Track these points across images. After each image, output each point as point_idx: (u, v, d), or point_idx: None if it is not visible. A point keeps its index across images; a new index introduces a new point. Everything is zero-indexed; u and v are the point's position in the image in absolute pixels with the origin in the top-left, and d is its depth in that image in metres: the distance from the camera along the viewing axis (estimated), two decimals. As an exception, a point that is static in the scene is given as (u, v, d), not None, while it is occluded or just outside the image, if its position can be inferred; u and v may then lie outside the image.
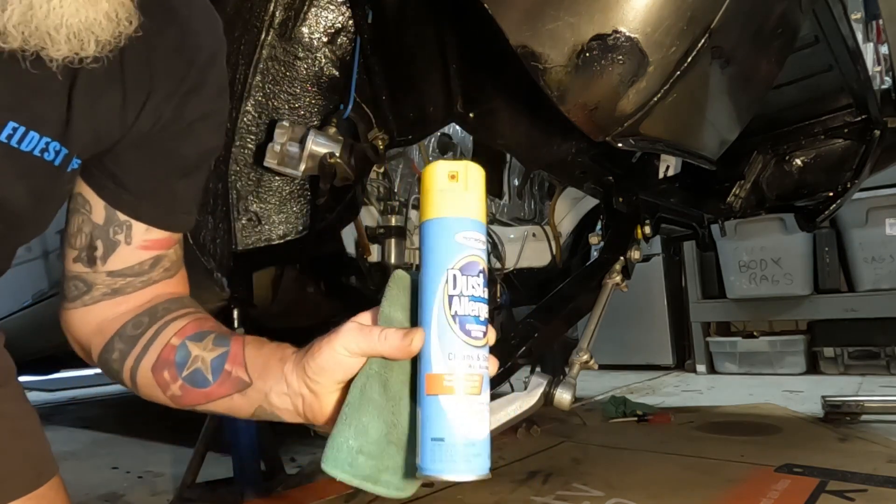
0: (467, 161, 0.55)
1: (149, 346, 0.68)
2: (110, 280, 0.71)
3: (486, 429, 0.54)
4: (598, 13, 0.83)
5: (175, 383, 0.66)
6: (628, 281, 1.51)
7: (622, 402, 2.31)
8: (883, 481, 1.36)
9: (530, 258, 2.13)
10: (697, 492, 1.36)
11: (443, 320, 0.52)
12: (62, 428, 2.92)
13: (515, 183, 2.22)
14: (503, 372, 1.30)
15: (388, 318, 0.59)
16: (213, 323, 0.72)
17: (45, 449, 0.71)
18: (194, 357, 0.66)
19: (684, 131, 1.03)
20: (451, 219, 0.53)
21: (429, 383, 0.53)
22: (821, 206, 1.81)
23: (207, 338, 0.68)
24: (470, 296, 0.53)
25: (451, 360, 0.52)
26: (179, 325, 0.69)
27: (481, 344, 0.54)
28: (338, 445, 0.57)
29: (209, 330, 0.69)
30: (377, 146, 1.35)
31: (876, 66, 1.55)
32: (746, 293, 3.48)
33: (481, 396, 0.54)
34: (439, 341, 0.52)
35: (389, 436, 0.58)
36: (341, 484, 0.56)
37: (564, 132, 1.34)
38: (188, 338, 0.68)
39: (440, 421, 0.51)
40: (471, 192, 0.54)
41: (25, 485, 0.66)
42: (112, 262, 0.71)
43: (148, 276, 0.74)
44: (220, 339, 0.68)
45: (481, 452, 0.53)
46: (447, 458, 0.52)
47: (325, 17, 1.28)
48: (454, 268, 0.53)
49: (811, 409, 2.28)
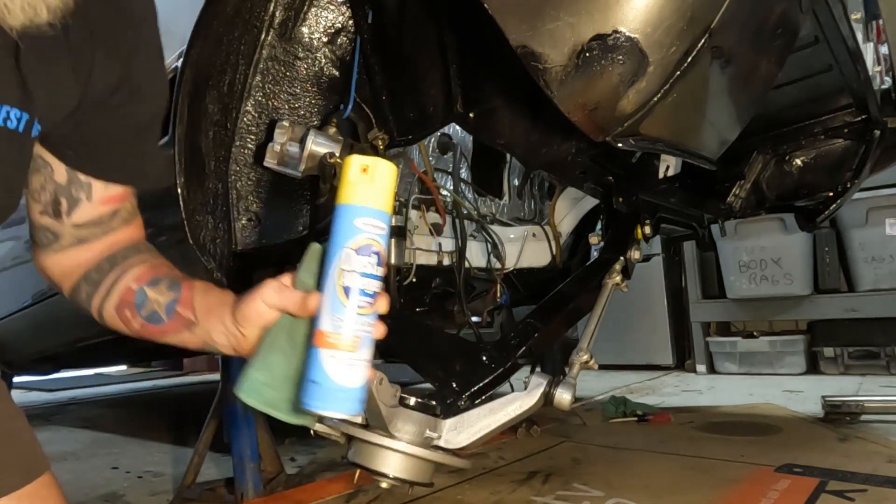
0: (378, 157, 0.64)
1: (112, 289, 0.81)
2: (76, 231, 0.82)
3: (359, 379, 0.65)
4: (598, 13, 0.83)
5: (136, 321, 0.81)
6: (628, 281, 1.51)
7: (622, 402, 2.31)
8: (883, 481, 1.36)
9: (530, 258, 2.13)
10: (697, 492, 1.36)
11: (334, 289, 0.64)
12: (62, 428, 2.92)
13: (515, 183, 2.22)
14: (503, 372, 1.30)
15: (301, 283, 0.72)
16: (167, 268, 0.85)
17: (35, 447, 0.73)
18: (151, 300, 0.80)
19: (684, 131, 1.03)
20: (354, 206, 0.63)
21: (315, 337, 0.65)
22: (821, 206, 1.81)
23: (161, 283, 0.82)
24: (361, 272, 0.63)
25: (335, 322, 0.63)
26: (137, 273, 0.82)
27: (366, 312, 0.64)
28: (250, 378, 0.71)
29: (163, 276, 0.82)
30: (377, 146, 1.35)
31: (876, 66, 1.55)
32: (746, 293, 3.48)
33: (358, 353, 0.65)
34: (329, 306, 0.64)
35: (289, 375, 0.70)
36: (341, 484, 0.57)
37: (564, 132, 1.34)
38: (146, 284, 0.81)
39: (317, 368, 0.63)
40: (376, 185, 0.64)
41: (14, 481, 0.68)
42: (76, 216, 0.81)
43: (108, 225, 0.85)
44: (173, 284, 0.82)
45: (351, 398, 0.65)
46: (320, 397, 0.63)
47: (325, 17, 1.28)
48: (350, 247, 0.63)
49: (811, 409, 2.28)
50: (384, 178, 0.64)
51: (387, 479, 1.12)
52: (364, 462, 1.12)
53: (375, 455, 1.12)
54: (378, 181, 0.64)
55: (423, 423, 1.13)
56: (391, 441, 1.09)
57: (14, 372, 3.27)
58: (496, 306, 1.98)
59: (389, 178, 0.65)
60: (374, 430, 1.11)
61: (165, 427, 2.76)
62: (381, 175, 0.64)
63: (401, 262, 1.64)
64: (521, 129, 1.36)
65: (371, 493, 1.38)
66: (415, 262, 1.74)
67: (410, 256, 1.72)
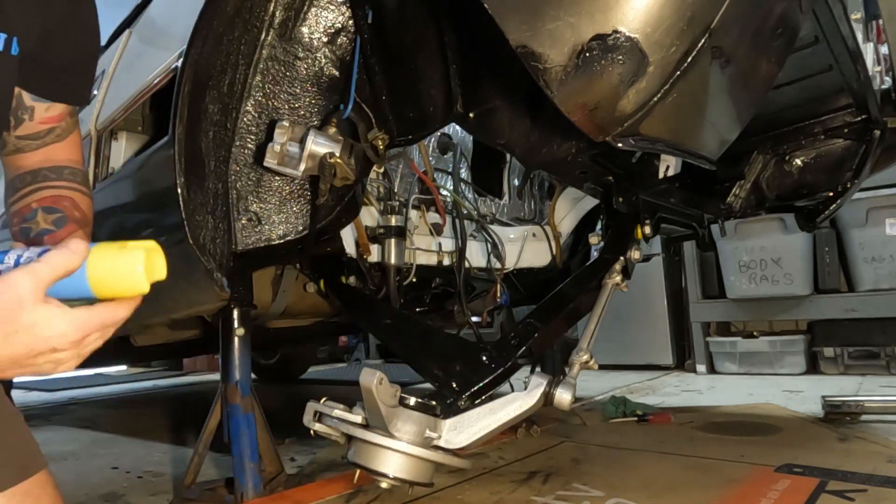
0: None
1: (20, 199, 0.94)
2: (16, 141, 0.96)
3: None
4: (598, 13, 0.83)
5: (14, 229, 0.93)
6: (628, 281, 1.51)
7: (622, 402, 2.31)
8: (883, 481, 1.36)
9: (530, 258, 2.13)
10: (697, 492, 1.36)
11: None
12: (62, 428, 2.92)
13: (515, 183, 2.22)
14: (503, 372, 1.30)
15: None
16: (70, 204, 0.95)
17: (31, 446, 0.75)
18: (36, 221, 0.91)
19: (684, 131, 1.03)
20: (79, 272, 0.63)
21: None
22: (821, 206, 1.81)
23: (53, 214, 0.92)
24: None
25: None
26: (44, 195, 0.94)
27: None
28: None
29: (60, 209, 0.93)
30: (377, 146, 1.35)
31: (876, 66, 1.55)
32: (746, 293, 3.48)
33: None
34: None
35: None
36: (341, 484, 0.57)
37: (564, 132, 1.34)
38: (42, 207, 0.92)
39: None
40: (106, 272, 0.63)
41: (9, 478, 0.70)
42: (18, 130, 0.96)
43: (43, 140, 0.97)
44: (60, 220, 0.92)
45: None
46: None
47: (325, 17, 1.28)
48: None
49: (811, 409, 2.28)
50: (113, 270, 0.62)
51: (387, 479, 1.12)
52: (364, 462, 1.12)
53: (375, 455, 1.11)
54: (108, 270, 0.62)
55: (423, 423, 1.13)
56: (391, 441, 1.09)
57: (14, 372, 3.27)
58: (496, 306, 1.98)
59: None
60: (374, 430, 1.11)
61: (165, 427, 2.76)
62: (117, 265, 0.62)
63: (401, 262, 1.64)
64: (520, 129, 1.36)
65: (371, 493, 1.38)
66: (415, 262, 1.74)
67: (410, 256, 1.73)
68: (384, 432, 1.10)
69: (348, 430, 1.13)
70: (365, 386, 1.05)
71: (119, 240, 0.66)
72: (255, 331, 1.56)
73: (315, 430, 1.18)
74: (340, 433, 1.16)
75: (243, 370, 1.48)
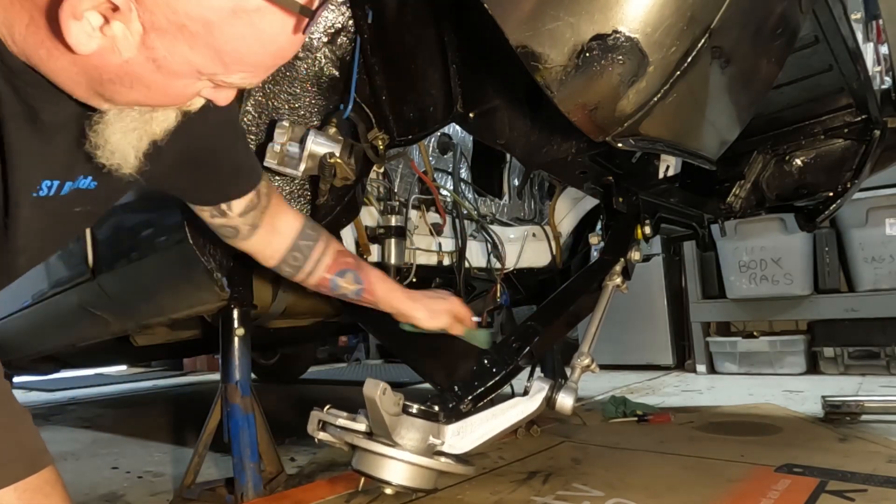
0: None
1: (311, 274, 1.19)
2: (244, 219, 1.09)
3: None
4: (598, 13, 0.83)
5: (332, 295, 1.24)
6: (628, 282, 1.51)
7: (622, 402, 2.31)
8: (883, 481, 1.36)
9: (530, 258, 2.13)
10: (697, 492, 1.36)
11: None
12: (62, 428, 2.92)
13: (515, 183, 2.22)
14: (505, 375, 1.30)
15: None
16: (350, 259, 1.23)
17: (39, 442, 0.77)
18: (342, 287, 1.21)
19: (684, 131, 1.03)
20: None
21: None
22: (821, 206, 1.81)
23: (348, 275, 1.21)
24: None
25: None
26: (327, 263, 1.19)
27: None
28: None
29: (348, 269, 1.21)
30: (377, 146, 1.35)
31: (876, 66, 1.55)
32: (746, 293, 3.48)
33: None
34: None
35: None
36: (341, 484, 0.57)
37: (564, 132, 1.34)
38: (335, 274, 1.20)
39: None
40: None
41: (18, 472, 0.72)
42: (236, 209, 1.07)
43: (261, 204, 1.10)
44: (357, 278, 1.21)
45: None
46: None
47: (325, 17, 1.28)
48: None
49: (811, 409, 2.28)
50: None
51: (391, 487, 1.12)
52: (368, 470, 1.12)
53: (380, 463, 1.12)
54: None
55: (426, 430, 1.13)
56: (395, 451, 1.09)
57: (14, 372, 3.27)
58: (496, 306, 1.98)
59: None
60: (378, 440, 1.11)
61: (165, 427, 2.76)
62: None
63: (401, 262, 1.64)
64: (520, 129, 1.36)
65: (371, 493, 1.38)
66: (415, 262, 1.74)
67: (410, 256, 1.72)
68: (388, 441, 1.10)
69: (352, 440, 1.13)
70: (368, 396, 1.05)
71: None
72: (255, 331, 1.56)
73: (319, 440, 1.18)
74: (343, 441, 1.16)
75: (243, 370, 1.48)
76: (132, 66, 0.66)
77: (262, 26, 0.66)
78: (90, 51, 0.63)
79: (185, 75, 0.69)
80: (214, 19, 0.64)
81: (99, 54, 0.64)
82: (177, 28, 0.63)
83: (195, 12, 0.63)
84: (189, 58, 0.66)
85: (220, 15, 0.63)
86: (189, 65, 0.67)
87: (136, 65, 0.66)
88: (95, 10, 0.61)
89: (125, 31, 0.62)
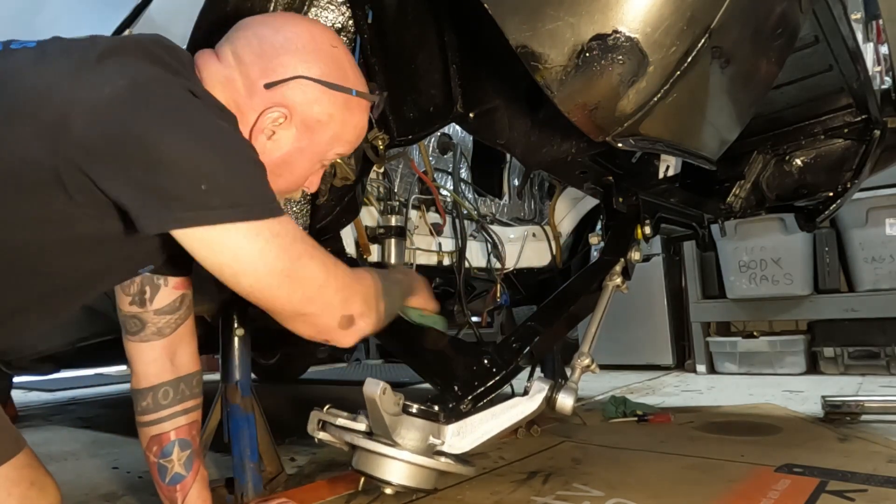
0: None
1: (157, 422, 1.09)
2: (156, 318, 1.06)
3: None
4: (598, 13, 0.83)
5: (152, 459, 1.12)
6: (628, 281, 1.51)
7: (622, 402, 2.31)
8: (883, 481, 1.36)
9: (530, 258, 2.13)
10: (697, 492, 1.36)
11: None
12: (62, 428, 2.92)
13: (515, 183, 2.22)
14: (505, 375, 1.30)
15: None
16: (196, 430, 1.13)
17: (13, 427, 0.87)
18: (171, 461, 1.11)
19: (684, 131, 1.03)
20: None
21: None
22: (821, 206, 1.81)
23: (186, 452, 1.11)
24: None
25: None
26: (180, 423, 1.10)
27: None
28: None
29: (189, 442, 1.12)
30: (377, 146, 1.35)
31: (876, 66, 1.55)
32: (746, 293, 3.48)
33: None
34: None
35: None
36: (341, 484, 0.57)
37: (564, 132, 1.34)
38: (178, 440, 1.10)
39: None
40: None
41: (10, 449, 0.83)
42: (156, 302, 1.05)
43: (178, 313, 1.08)
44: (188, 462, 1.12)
45: None
46: None
47: (325, 17, 1.27)
48: None
49: (811, 409, 2.28)
50: None
51: (392, 486, 1.12)
52: (369, 470, 1.13)
53: (380, 463, 1.12)
54: None
55: (426, 430, 1.13)
56: (396, 451, 1.09)
57: (14, 372, 3.27)
58: (496, 306, 1.98)
59: None
60: (378, 439, 1.11)
61: (165, 427, 2.75)
62: None
63: (401, 261, 1.64)
64: (520, 129, 1.36)
65: (372, 493, 1.38)
66: (415, 262, 1.74)
67: (410, 256, 1.72)
68: (388, 441, 1.10)
69: (352, 440, 1.13)
70: (369, 396, 1.05)
71: None
72: (255, 331, 1.56)
73: (319, 439, 1.18)
74: (343, 441, 1.16)
75: (243, 370, 1.48)
76: (287, 155, 0.94)
77: (359, 112, 0.99)
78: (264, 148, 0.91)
79: (315, 156, 0.97)
80: (335, 112, 0.95)
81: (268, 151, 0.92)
82: (315, 122, 0.94)
83: (325, 111, 0.94)
84: (321, 141, 0.96)
85: (337, 108, 0.95)
86: (319, 146, 0.96)
87: (288, 154, 0.95)
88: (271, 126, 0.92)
89: (286, 132, 0.93)
